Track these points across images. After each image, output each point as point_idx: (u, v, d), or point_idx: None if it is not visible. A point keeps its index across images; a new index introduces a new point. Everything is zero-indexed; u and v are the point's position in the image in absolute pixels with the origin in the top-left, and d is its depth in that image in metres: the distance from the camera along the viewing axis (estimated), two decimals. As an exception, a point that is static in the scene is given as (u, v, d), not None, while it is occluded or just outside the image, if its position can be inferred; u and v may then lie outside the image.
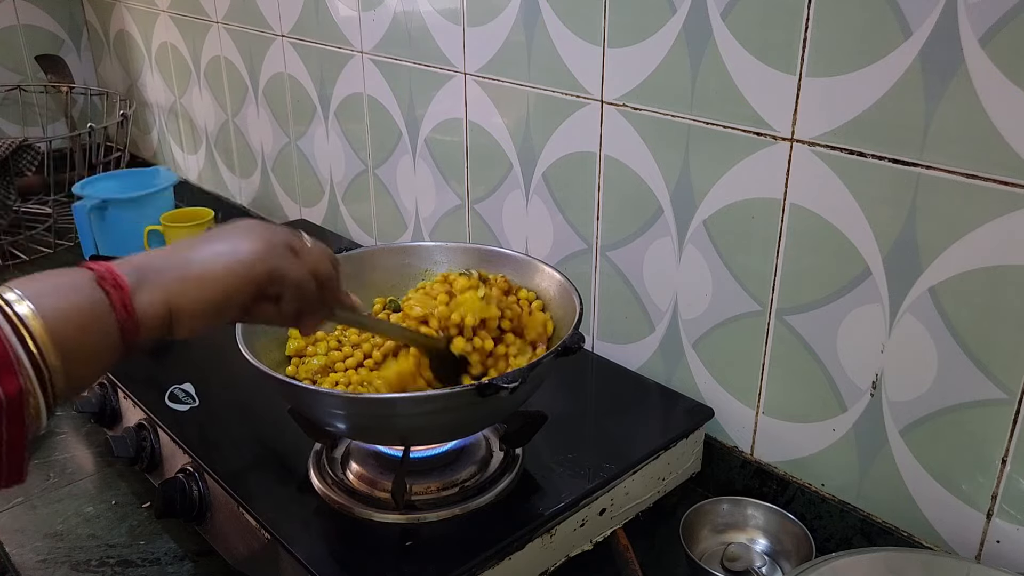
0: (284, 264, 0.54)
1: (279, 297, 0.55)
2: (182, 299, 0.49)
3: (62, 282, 0.46)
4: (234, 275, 0.51)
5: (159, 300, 0.48)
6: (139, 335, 0.47)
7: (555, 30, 0.91)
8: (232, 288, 0.51)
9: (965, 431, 0.69)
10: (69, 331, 0.43)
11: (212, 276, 0.51)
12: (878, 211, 0.70)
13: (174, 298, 0.49)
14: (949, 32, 0.62)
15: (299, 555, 0.66)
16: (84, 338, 0.44)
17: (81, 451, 0.96)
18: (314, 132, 1.36)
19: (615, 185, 0.92)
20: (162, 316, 0.48)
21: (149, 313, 0.48)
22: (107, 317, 0.46)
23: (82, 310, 0.45)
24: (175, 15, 1.60)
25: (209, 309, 0.51)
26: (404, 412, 0.66)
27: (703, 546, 0.81)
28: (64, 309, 0.44)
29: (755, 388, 0.84)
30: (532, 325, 0.74)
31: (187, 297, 0.49)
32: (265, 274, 0.53)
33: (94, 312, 0.45)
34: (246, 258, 0.52)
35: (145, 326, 0.48)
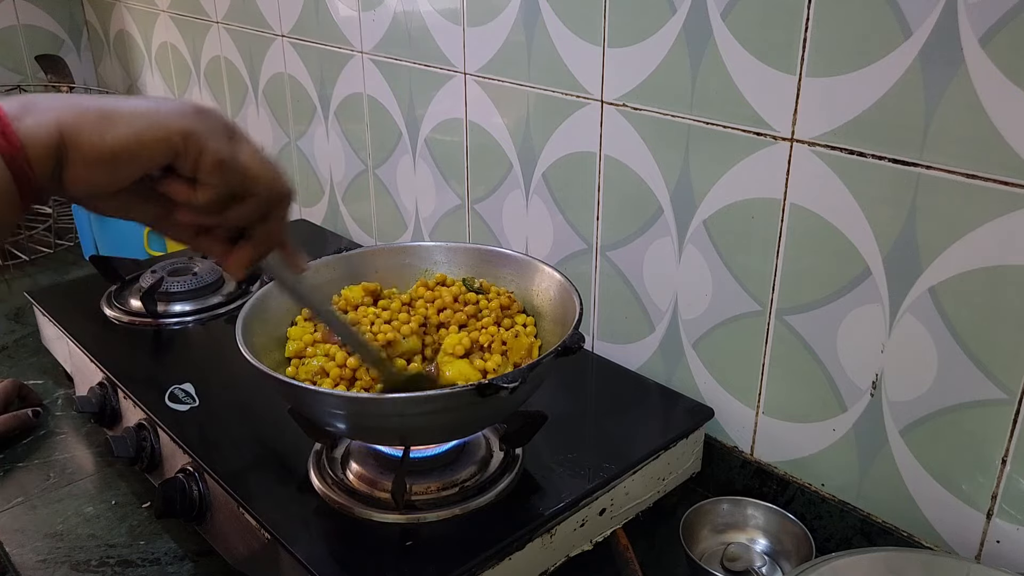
0: (209, 136, 0.45)
1: (195, 175, 0.46)
2: (78, 132, 0.41)
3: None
4: (145, 120, 0.43)
5: (49, 124, 0.41)
6: (31, 171, 0.40)
7: (555, 30, 0.91)
8: (139, 134, 0.43)
9: (965, 431, 0.69)
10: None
11: (118, 115, 0.42)
12: (878, 211, 0.70)
13: (67, 128, 0.41)
14: (949, 32, 0.62)
15: (299, 555, 0.66)
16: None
17: (81, 451, 0.96)
18: (314, 132, 1.36)
19: (615, 185, 0.92)
20: (52, 147, 0.41)
21: (37, 140, 0.40)
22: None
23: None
24: (175, 15, 1.60)
25: (107, 152, 0.42)
26: (404, 412, 0.66)
27: (703, 546, 0.81)
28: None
29: (755, 388, 0.84)
30: (516, 348, 0.74)
31: (83, 130, 0.41)
32: (181, 133, 0.44)
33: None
34: (166, 111, 0.44)
35: (35, 160, 0.40)
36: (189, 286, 1.08)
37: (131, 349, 1.00)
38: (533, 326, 0.78)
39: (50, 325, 1.06)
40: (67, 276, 1.40)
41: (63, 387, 1.07)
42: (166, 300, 1.06)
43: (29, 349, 1.17)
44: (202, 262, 1.14)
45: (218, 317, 1.06)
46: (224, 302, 1.09)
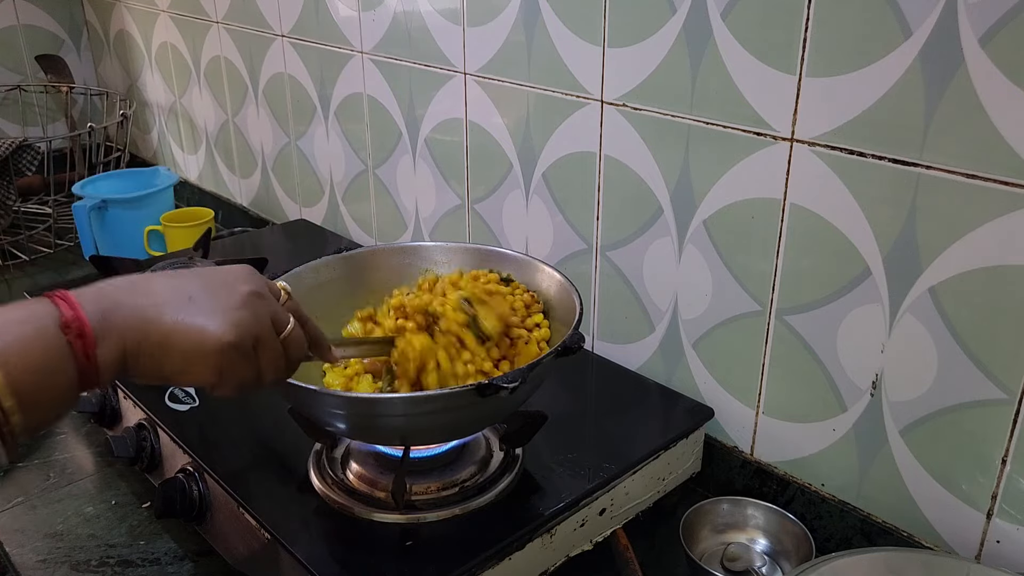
0: (239, 367, 0.53)
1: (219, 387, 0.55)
2: (137, 357, 0.50)
3: (26, 330, 0.45)
4: (188, 361, 0.51)
5: (116, 350, 0.49)
6: (97, 382, 0.48)
7: (555, 30, 0.91)
8: (186, 369, 0.52)
9: (965, 431, 0.69)
10: (28, 379, 0.44)
11: (170, 348, 0.51)
12: (878, 211, 0.70)
13: (131, 358, 0.50)
14: (949, 32, 0.62)
15: (299, 555, 0.66)
16: (43, 385, 0.45)
17: (81, 451, 0.96)
18: (314, 132, 1.36)
19: (615, 185, 0.92)
20: (117, 370, 0.49)
21: (107, 364, 0.48)
22: (68, 364, 0.46)
23: (46, 358, 0.45)
24: (175, 15, 1.60)
25: (158, 377, 0.51)
26: (404, 412, 0.66)
27: (703, 546, 0.81)
28: (25, 359, 0.44)
29: (755, 388, 0.84)
30: (525, 354, 0.74)
31: (142, 356, 0.50)
32: (218, 369, 0.52)
33: (55, 360, 0.46)
34: (208, 347, 0.51)
35: (102, 375, 0.48)
36: (189, 286, 1.08)
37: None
38: (547, 329, 0.77)
39: (50, 325, 1.06)
40: (67, 276, 1.40)
41: (63, 387, 1.07)
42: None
43: (29, 349, 1.16)
44: (202, 262, 1.14)
45: (218, 317, 1.06)
46: (224, 302, 1.08)
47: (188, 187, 1.74)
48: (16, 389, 0.43)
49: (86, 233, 1.37)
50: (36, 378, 0.45)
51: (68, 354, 0.46)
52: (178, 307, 0.51)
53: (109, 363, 0.48)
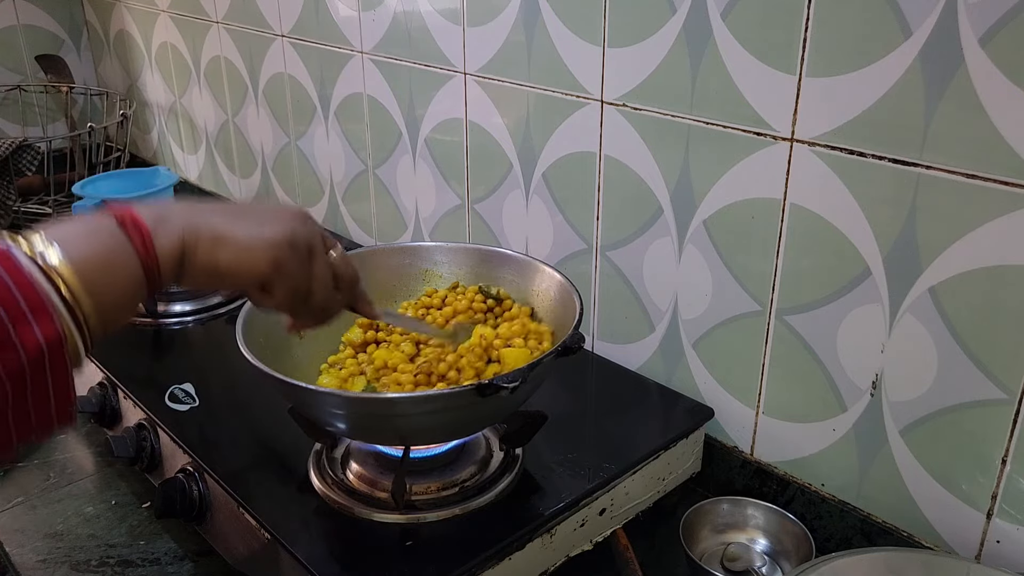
0: (293, 265, 0.55)
1: (272, 288, 0.55)
2: (194, 251, 0.51)
3: (87, 228, 0.47)
4: (246, 249, 0.52)
5: (175, 242, 0.50)
6: (160, 275, 0.49)
7: (555, 30, 0.91)
8: (240, 262, 0.52)
9: (965, 431, 0.69)
10: (97, 274, 0.45)
11: (226, 240, 0.52)
12: (878, 211, 0.70)
13: (188, 246, 0.50)
14: (949, 32, 0.62)
15: (299, 555, 0.66)
16: (111, 279, 0.46)
17: (81, 451, 0.96)
18: (314, 132, 1.36)
19: (615, 185, 0.92)
20: (176, 260, 0.50)
21: (166, 254, 0.49)
22: (130, 257, 0.48)
23: (108, 251, 0.47)
24: (175, 15, 1.60)
25: (213, 271, 0.52)
26: (404, 412, 0.66)
27: (703, 546, 0.81)
28: (91, 252, 0.46)
29: (755, 388, 0.84)
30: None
31: (199, 250, 0.51)
32: (272, 264, 0.53)
33: (119, 253, 0.47)
34: (265, 239, 0.53)
35: (163, 268, 0.49)
36: (189, 286, 1.08)
37: (131, 349, 1.00)
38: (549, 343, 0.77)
39: (50, 325, 1.06)
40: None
41: (63, 387, 1.07)
42: (166, 300, 1.07)
43: (29, 349, 1.16)
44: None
45: (218, 317, 1.06)
46: (224, 302, 1.09)
47: (188, 187, 1.74)
48: (90, 290, 0.44)
49: (86, 233, 1.37)
50: (105, 277, 0.46)
51: (129, 249, 0.47)
52: (231, 215, 0.54)
53: (167, 255, 0.49)
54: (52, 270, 0.43)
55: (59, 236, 0.45)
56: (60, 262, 0.44)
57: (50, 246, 0.44)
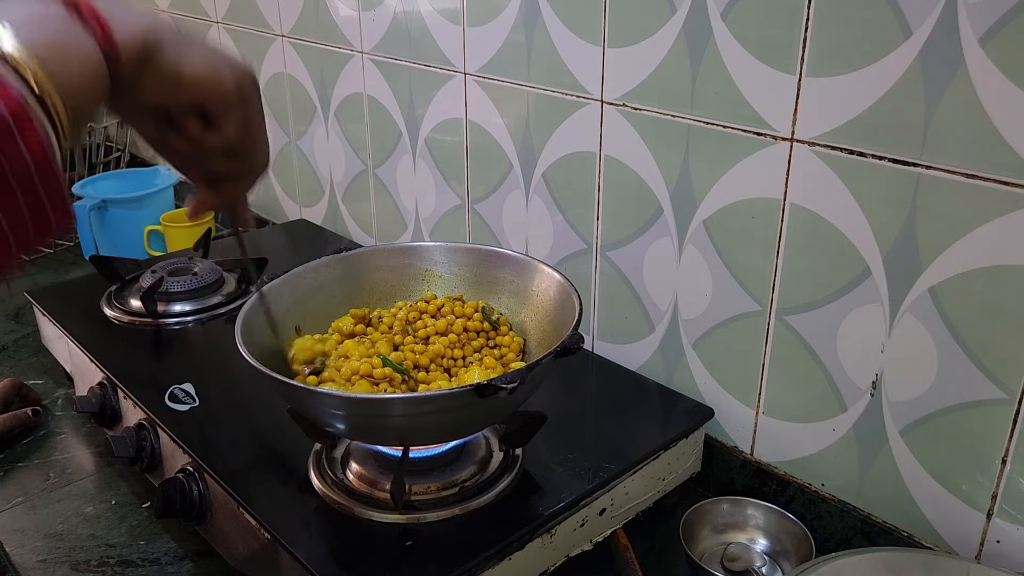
0: (253, 99, 0.53)
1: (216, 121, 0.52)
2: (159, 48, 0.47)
3: (36, 11, 0.43)
4: (214, 61, 0.50)
5: (137, 33, 0.46)
6: (121, 68, 0.46)
7: (555, 30, 0.91)
8: (206, 70, 0.49)
9: (965, 431, 0.69)
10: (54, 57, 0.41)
11: (192, 47, 0.49)
12: (878, 211, 0.70)
13: (151, 42, 0.47)
14: (949, 32, 0.62)
15: (299, 555, 0.66)
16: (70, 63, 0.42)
17: (81, 451, 0.96)
18: (314, 132, 1.36)
19: (615, 185, 0.92)
20: (138, 53, 0.47)
21: (127, 48, 0.46)
22: (90, 45, 0.44)
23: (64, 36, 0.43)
24: (175, 15, 1.60)
25: (175, 75, 0.49)
26: (403, 412, 0.66)
27: (703, 546, 0.81)
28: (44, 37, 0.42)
29: (755, 388, 0.84)
30: None
31: (164, 49, 0.48)
32: (237, 86, 0.51)
33: (75, 38, 0.43)
34: (230, 62, 0.51)
35: (125, 59, 0.46)
36: (189, 286, 1.08)
37: (131, 349, 1.00)
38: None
39: (50, 325, 1.06)
40: (67, 276, 1.40)
41: (63, 387, 1.07)
42: (166, 300, 1.07)
43: (29, 349, 1.17)
44: (202, 262, 1.14)
45: (218, 317, 1.06)
46: (224, 302, 1.09)
47: (188, 187, 1.74)
48: (48, 72, 0.41)
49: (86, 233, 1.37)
50: (63, 61, 0.42)
51: (87, 36, 0.44)
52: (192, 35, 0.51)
53: (130, 47, 0.46)
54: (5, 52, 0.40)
55: (8, 19, 0.41)
56: (13, 44, 0.40)
57: (5, 29, 0.40)
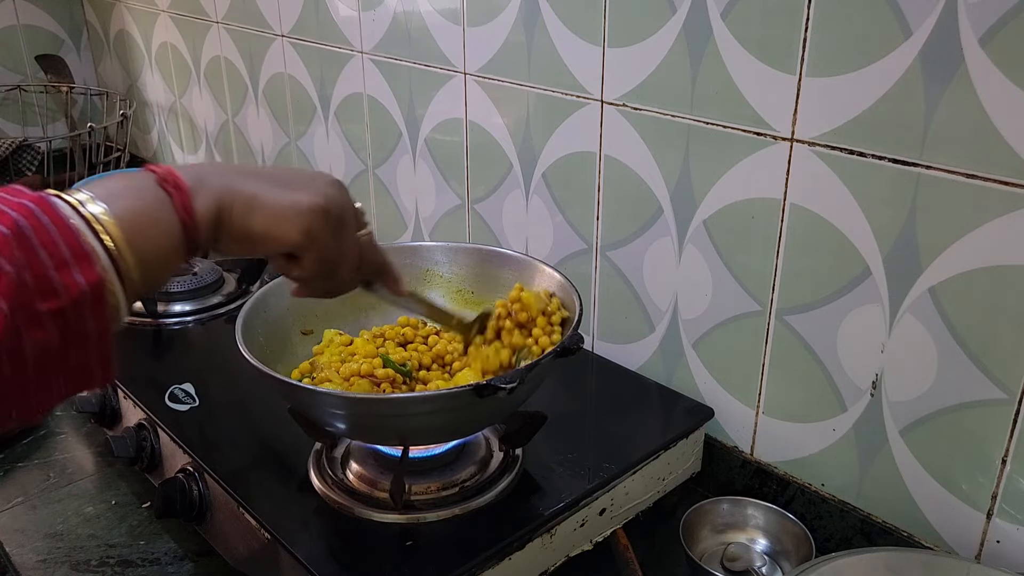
0: (325, 235, 0.54)
1: (301, 257, 0.55)
2: (230, 215, 0.51)
3: (128, 184, 0.47)
4: (279, 214, 0.52)
5: (211, 205, 0.50)
6: (198, 236, 0.49)
7: (555, 30, 0.91)
8: (272, 228, 0.52)
9: (965, 431, 0.69)
10: (138, 228, 0.45)
11: (260, 204, 0.52)
12: (878, 211, 0.70)
13: (223, 210, 0.50)
14: (949, 32, 0.62)
15: (299, 555, 0.66)
16: (152, 234, 0.46)
17: (81, 451, 0.96)
18: (314, 132, 1.36)
19: (615, 185, 0.92)
20: (212, 223, 0.50)
21: (204, 217, 0.49)
22: (170, 216, 0.48)
23: (149, 208, 0.47)
24: (175, 15, 1.60)
25: (247, 235, 0.52)
26: (403, 412, 0.66)
27: (703, 546, 0.81)
28: (132, 208, 0.46)
29: (755, 388, 0.84)
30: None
31: (234, 214, 0.51)
32: (304, 232, 0.53)
33: (159, 211, 0.47)
34: (300, 206, 0.53)
35: (200, 228, 0.49)
36: (189, 286, 1.08)
37: (131, 349, 1.00)
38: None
39: (50, 325, 1.06)
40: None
41: (63, 387, 1.07)
42: (166, 300, 1.07)
43: (29, 349, 1.16)
44: (202, 262, 1.14)
45: (218, 317, 1.06)
46: (224, 302, 1.09)
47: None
48: (131, 242, 0.44)
49: (86, 233, 1.37)
50: (146, 232, 0.46)
51: (169, 207, 0.47)
52: (267, 180, 0.53)
53: (205, 216, 0.49)
54: (95, 219, 0.43)
55: (102, 189, 0.45)
56: (103, 212, 0.44)
57: (93, 199, 0.44)
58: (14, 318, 0.39)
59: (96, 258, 0.42)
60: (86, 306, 0.42)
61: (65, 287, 0.41)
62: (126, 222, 0.44)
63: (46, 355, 0.41)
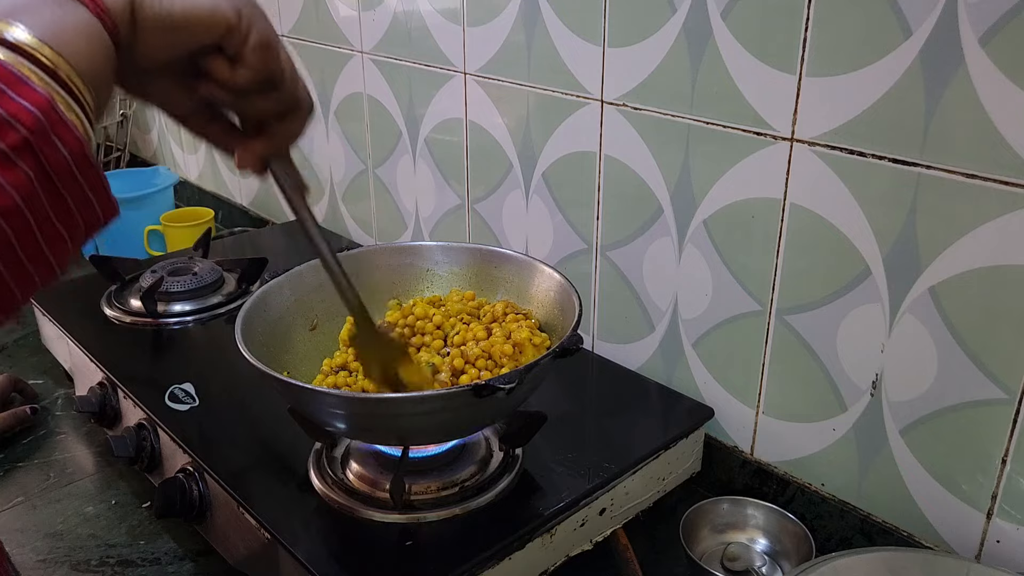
0: (259, 18, 0.48)
1: (238, 56, 0.49)
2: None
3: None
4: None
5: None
6: (117, 32, 0.44)
7: (555, 30, 0.91)
8: (199, 5, 0.46)
9: (965, 431, 0.69)
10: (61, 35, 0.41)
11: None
12: (878, 211, 0.70)
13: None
14: (949, 32, 0.62)
15: (299, 555, 0.66)
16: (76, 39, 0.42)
17: (81, 451, 0.96)
18: (314, 132, 1.36)
19: (615, 185, 0.92)
20: (127, 9, 0.45)
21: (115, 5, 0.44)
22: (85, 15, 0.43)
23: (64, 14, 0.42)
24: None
25: (169, 19, 0.46)
26: (403, 412, 0.66)
27: (703, 546, 0.81)
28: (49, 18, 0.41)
29: (755, 388, 0.84)
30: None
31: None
32: (235, 10, 0.47)
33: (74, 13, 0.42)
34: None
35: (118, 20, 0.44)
36: (189, 286, 1.08)
37: (131, 349, 1.00)
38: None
39: (50, 325, 1.06)
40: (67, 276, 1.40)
41: (63, 387, 1.07)
42: (166, 300, 1.07)
43: (29, 349, 1.17)
44: (202, 262, 1.14)
45: (218, 317, 1.06)
46: (224, 302, 1.09)
47: (188, 187, 1.74)
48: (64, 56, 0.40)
49: (86, 233, 1.37)
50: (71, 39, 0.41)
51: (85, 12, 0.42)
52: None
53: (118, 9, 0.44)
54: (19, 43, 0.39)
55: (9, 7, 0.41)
56: (23, 31, 0.40)
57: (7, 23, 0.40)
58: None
59: (35, 80, 0.39)
60: (47, 130, 0.38)
61: (15, 116, 0.37)
62: (48, 33, 0.40)
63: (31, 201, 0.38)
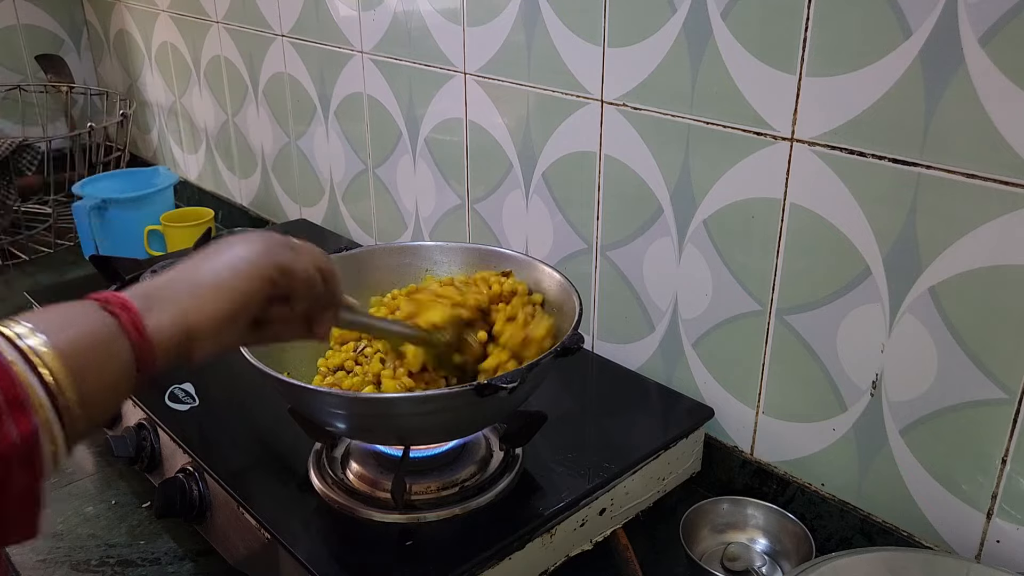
0: (288, 258, 0.53)
1: (290, 296, 0.54)
2: (198, 314, 0.48)
3: (70, 312, 0.44)
4: (244, 277, 0.50)
5: (173, 319, 0.47)
6: (155, 359, 0.46)
7: (555, 30, 0.91)
8: (245, 291, 0.50)
9: (965, 431, 0.69)
10: (82, 355, 0.42)
11: (223, 283, 0.50)
12: (878, 211, 0.70)
13: (190, 315, 0.47)
14: (949, 32, 0.62)
15: (299, 555, 0.66)
16: (98, 365, 0.42)
17: (81, 451, 0.96)
18: (314, 132, 1.36)
19: (615, 185, 0.92)
20: (178, 336, 0.47)
21: (164, 335, 0.46)
22: (119, 341, 0.44)
23: (94, 335, 0.43)
24: (175, 15, 1.60)
25: (225, 320, 0.49)
26: (403, 412, 0.66)
27: (703, 546, 0.81)
28: (75, 337, 0.42)
29: (755, 388, 0.84)
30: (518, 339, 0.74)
31: (203, 311, 0.48)
32: (273, 268, 0.52)
33: (106, 337, 0.43)
34: (252, 258, 0.52)
35: (161, 348, 0.46)
36: (189, 286, 1.08)
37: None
38: (546, 322, 0.76)
39: (50, 325, 1.06)
40: (67, 276, 1.40)
41: (63, 387, 1.07)
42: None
43: (29, 349, 1.16)
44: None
45: (218, 317, 1.06)
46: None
47: (188, 187, 1.74)
48: (75, 376, 0.41)
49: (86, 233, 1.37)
50: (91, 361, 0.42)
51: (116, 328, 0.44)
52: (208, 257, 0.52)
53: (166, 335, 0.46)
54: (32, 351, 0.40)
55: (41, 320, 0.42)
56: (42, 345, 0.40)
57: (33, 331, 0.41)
58: None
59: (34, 404, 0.39)
60: (14, 460, 0.38)
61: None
62: (67, 351, 0.41)
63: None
